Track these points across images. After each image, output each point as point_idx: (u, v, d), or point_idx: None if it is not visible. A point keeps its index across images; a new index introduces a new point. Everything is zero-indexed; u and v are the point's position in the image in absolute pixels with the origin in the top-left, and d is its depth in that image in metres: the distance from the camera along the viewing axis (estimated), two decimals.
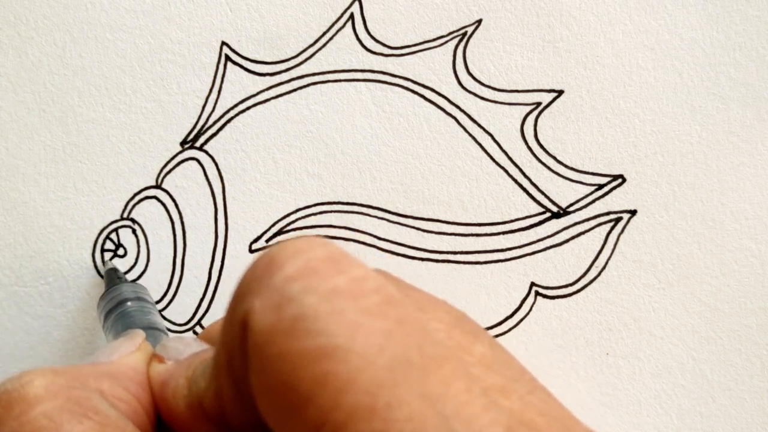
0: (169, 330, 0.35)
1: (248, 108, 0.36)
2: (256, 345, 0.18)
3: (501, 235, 0.36)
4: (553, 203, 0.36)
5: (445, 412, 0.17)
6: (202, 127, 0.36)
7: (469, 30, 0.36)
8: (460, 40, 0.36)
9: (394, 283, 0.21)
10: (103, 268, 0.35)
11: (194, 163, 0.36)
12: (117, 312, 0.31)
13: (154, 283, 0.36)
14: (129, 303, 0.31)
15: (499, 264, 0.36)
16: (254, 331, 0.18)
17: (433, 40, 0.36)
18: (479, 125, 0.36)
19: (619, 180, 0.36)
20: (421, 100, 0.36)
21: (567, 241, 0.36)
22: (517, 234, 0.36)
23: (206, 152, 0.36)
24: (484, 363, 0.20)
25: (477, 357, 0.20)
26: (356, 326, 0.18)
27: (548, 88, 0.36)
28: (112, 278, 0.34)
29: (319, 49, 0.36)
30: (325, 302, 0.18)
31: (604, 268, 0.36)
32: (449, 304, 0.22)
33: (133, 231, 0.36)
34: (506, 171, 0.36)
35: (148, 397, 0.23)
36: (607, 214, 0.36)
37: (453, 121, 0.36)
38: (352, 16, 0.36)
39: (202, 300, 0.36)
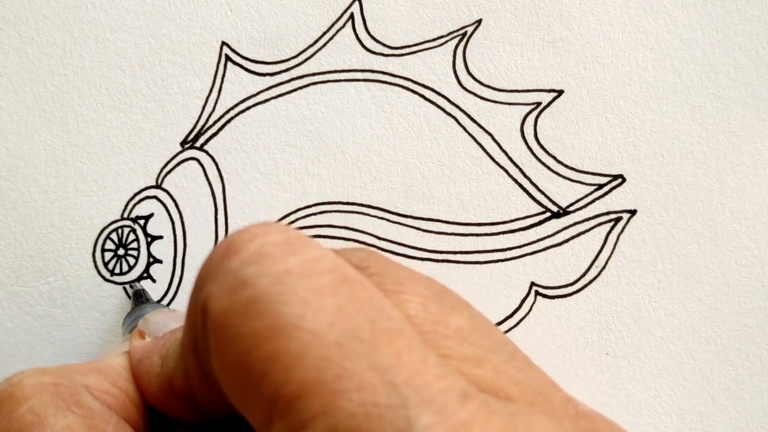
0: None
1: (248, 108, 0.36)
2: (214, 328, 0.19)
3: (501, 235, 0.36)
4: (553, 203, 0.36)
5: (395, 382, 0.18)
6: (203, 127, 0.36)
7: (469, 30, 0.36)
8: (460, 40, 0.36)
9: (373, 259, 0.22)
10: (104, 267, 0.35)
11: (194, 163, 0.36)
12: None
13: (154, 283, 0.36)
14: None
15: (499, 264, 0.36)
16: (212, 315, 0.19)
17: (433, 40, 0.36)
18: (479, 125, 0.36)
19: (619, 180, 0.36)
20: (421, 100, 0.36)
21: (567, 240, 0.36)
22: (517, 234, 0.36)
23: (206, 152, 0.36)
24: (460, 335, 0.21)
25: (453, 329, 0.21)
26: (305, 304, 0.18)
27: (548, 88, 0.36)
28: (138, 299, 0.34)
29: (319, 49, 0.36)
30: (277, 283, 0.19)
31: (603, 267, 0.36)
32: (432, 279, 0.23)
33: (133, 231, 0.36)
34: (506, 171, 0.36)
35: (137, 391, 0.24)
36: (607, 213, 0.36)
37: (453, 121, 0.36)
38: (352, 16, 0.36)
39: None
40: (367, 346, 0.18)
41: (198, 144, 0.36)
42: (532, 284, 0.36)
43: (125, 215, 0.35)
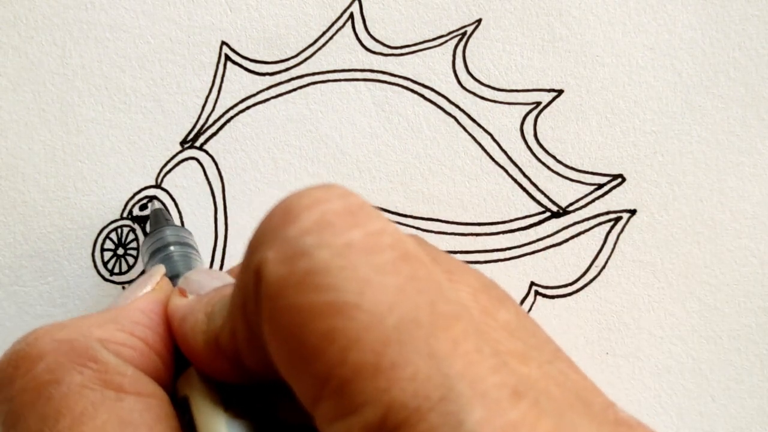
0: None
1: (248, 108, 0.36)
2: (268, 295, 0.18)
3: (501, 235, 0.36)
4: (553, 203, 0.36)
5: (450, 372, 0.17)
6: (202, 126, 0.36)
7: (469, 30, 0.36)
8: (460, 40, 0.36)
9: (423, 246, 0.22)
10: (103, 267, 0.35)
11: (194, 163, 0.36)
12: (160, 256, 0.30)
13: None
14: (172, 247, 0.30)
15: (499, 264, 0.36)
16: (267, 282, 0.18)
17: (433, 39, 0.36)
18: (479, 125, 0.36)
19: (619, 179, 0.36)
20: (421, 99, 0.36)
21: (567, 240, 0.36)
22: (516, 233, 0.36)
23: (206, 152, 0.36)
24: (507, 329, 0.20)
25: (501, 322, 0.20)
26: (367, 283, 0.18)
27: (548, 87, 0.36)
28: (158, 220, 0.33)
29: (319, 48, 0.36)
30: (337, 257, 0.18)
31: (603, 267, 0.36)
32: (480, 272, 0.22)
33: (133, 230, 0.36)
34: (506, 171, 0.36)
35: (157, 336, 0.24)
36: (607, 213, 0.36)
37: (453, 120, 0.36)
38: (351, 16, 0.36)
39: None
40: (425, 331, 0.18)
41: (198, 144, 0.36)
42: (532, 284, 0.36)
43: (125, 215, 0.35)
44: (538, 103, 0.36)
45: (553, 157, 0.36)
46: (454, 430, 0.17)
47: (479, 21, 0.36)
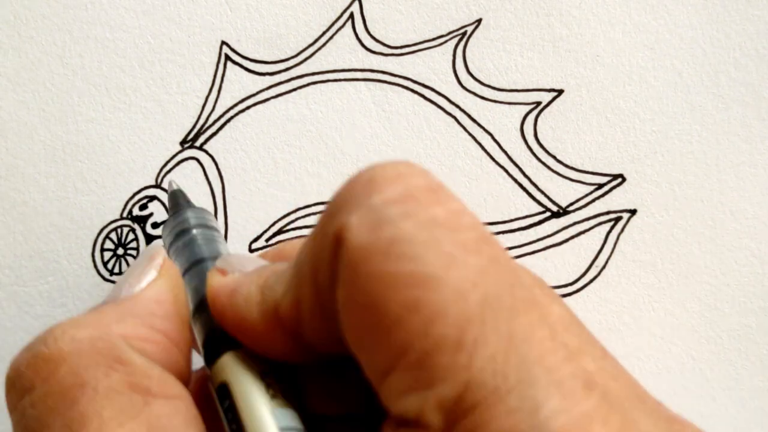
0: None
1: (248, 107, 0.36)
2: (350, 261, 0.18)
3: (501, 235, 0.36)
4: (553, 203, 0.36)
5: (528, 357, 0.17)
6: (202, 126, 0.36)
7: (469, 29, 0.36)
8: (460, 40, 0.36)
9: None
10: (103, 267, 0.35)
11: (194, 163, 0.36)
12: (182, 240, 0.29)
13: None
14: (194, 231, 0.29)
15: None
16: (349, 247, 0.18)
17: (433, 39, 0.36)
18: (479, 125, 0.36)
19: (619, 179, 0.36)
20: (421, 99, 0.36)
21: (567, 240, 0.36)
22: (516, 233, 0.36)
23: (206, 152, 0.36)
24: (562, 323, 0.20)
25: (556, 316, 0.20)
26: (452, 258, 0.18)
27: (548, 87, 0.36)
28: (176, 202, 0.32)
29: (319, 48, 0.36)
30: (422, 230, 0.18)
31: (603, 267, 0.36)
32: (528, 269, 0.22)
33: (132, 230, 0.36)
34: (506, 170, 0.36)
35: (175, 327, 0.23)
36: (607, 213, 0.36)
37: (453, 120, 0.36)
38: (351, 16, 0.36)
39: None
40: (506, 312, 0.18)
41: (198, 143, 0.36)
42: None
43: (125, 215, 0.35)
44: (538, 103, 0.36)
45: (553, 157, 0.36)
46: (530, 414, 0.17)
47: (479, 21, 0.36)
